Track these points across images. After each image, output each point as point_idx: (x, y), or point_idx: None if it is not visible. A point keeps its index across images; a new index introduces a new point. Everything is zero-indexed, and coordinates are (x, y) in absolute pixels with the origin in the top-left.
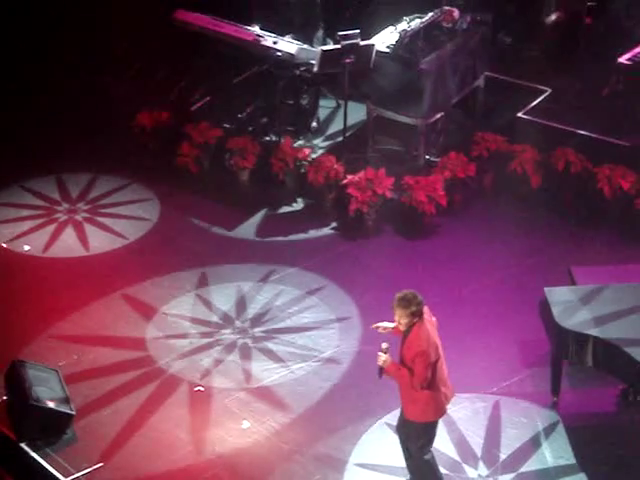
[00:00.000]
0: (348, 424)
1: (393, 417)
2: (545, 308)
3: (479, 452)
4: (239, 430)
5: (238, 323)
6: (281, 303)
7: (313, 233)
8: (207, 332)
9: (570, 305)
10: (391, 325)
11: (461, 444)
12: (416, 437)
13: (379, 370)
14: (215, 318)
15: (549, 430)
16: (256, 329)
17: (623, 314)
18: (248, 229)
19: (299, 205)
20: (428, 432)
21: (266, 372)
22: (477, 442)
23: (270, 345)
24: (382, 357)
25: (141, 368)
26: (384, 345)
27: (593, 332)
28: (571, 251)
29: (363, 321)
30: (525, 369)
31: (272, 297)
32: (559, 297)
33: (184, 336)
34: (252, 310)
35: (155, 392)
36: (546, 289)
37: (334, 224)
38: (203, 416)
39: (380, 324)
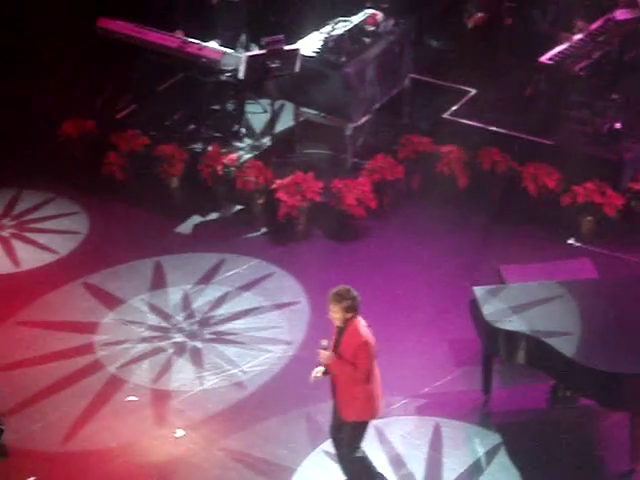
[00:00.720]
0: (283, 429)
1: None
2: (475, 307)
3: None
4: (173, 439)
5: (174, 330)
6: (216, 309)
7: (243, 238)
8: (148, 336)
9: (499, 304)
10: (322, 368)
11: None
12: (351, 438)
13: (322, 368)
14: (156, 323)
15: (481, 428)
16: (194, 336)
17: (551, 311)
18: (179, 237)
19: (229, 211)
20: (362, 432)
21: (198, 380)
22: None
23: (205, 351)
24: (324, 355)
25: (77, 380)
26: (324, 342)
27: (523, 329)
28: (499, 250)
29: (296, 326)
30: (456, 368)
31: (206, 304)
32: (488, 296)
33: (124, 342)
34: (183, 317)
35: (88, 404)
36: (475, 288)
37: (264, 229)
38: (136, 426)
39: (316, 371)
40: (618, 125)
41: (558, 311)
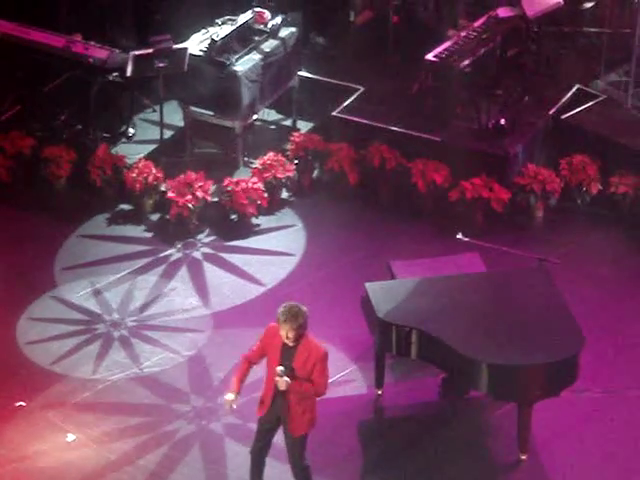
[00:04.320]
0: (179, 429)
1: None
2: (366, 303)
3: None
4: (64, 443)
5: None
6: (113, 309)
7: (134, 240)
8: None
9: (391, 299)
10: (232, 396)
11: None
12: (302, 450)
13: (275, 390)
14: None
15: (373, 423)
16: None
17: (441, 305)
18: (68, 239)
19: (119, 211)
20: (306, 441)
21: (90, 383)
22: None
23: (102, 350)
24: (283, 382)
25: None
26: (279, 369)
27: (414, 324)
28: (389, 246)
29: (194, 325)
30: (349, 364)
31: (99, 305)
32: (380, 291)
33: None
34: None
35: None
36: (367, 284)
37: (155, 230)
38: (26, 431)
39: (228, 400)
40: (502, 121)
41: (447, 305)
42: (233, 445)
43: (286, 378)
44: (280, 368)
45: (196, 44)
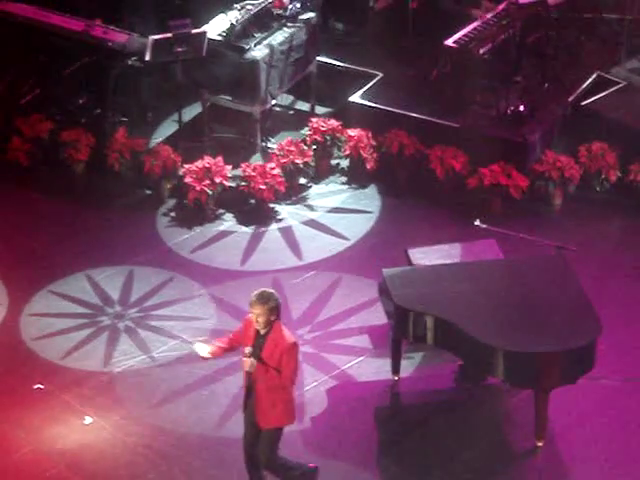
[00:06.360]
0: (193, 413)
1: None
2: (384, 289)
3: None
4: (81, 426)
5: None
6: (132, 295)
7: (152, 224)
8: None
9: (408, 285)
10: (209, 348)
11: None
12: (269, 447)
13: (248, 379)
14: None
15: (389, 408)
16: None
17: (458, 292)
18: (86, 222)
19: (137, 196)
20: (279, 438)
21: (109, 365)
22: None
23: (117, 337)
24: (248, 362)
25: None
26: (247, 349)
27: (431, 311)
28: (406, 232)
29: (208, 313)
30: (366, 350)
31: (116, 291)
32: (396, 277)
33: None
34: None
35: None
36: (384, 270)
37: (173, 214)
38: (44, 413)
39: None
40: (522, 108)
41: (465, 292)
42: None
43: (252, 359)
44: (248, 348)
45: (215, 29)
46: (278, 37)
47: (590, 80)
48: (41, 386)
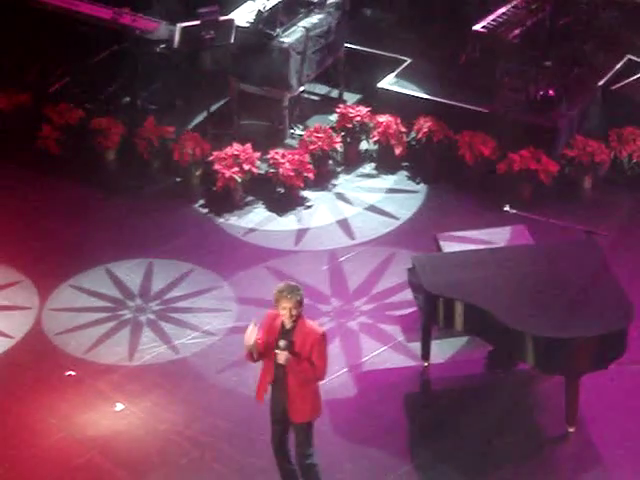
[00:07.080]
0: (226, 400)
1: None
2: (413, 275)
3: None
4: (113, 413)
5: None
6: (156, 284)
7: (181, 211)
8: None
9: (437, 271)
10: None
11: None
12: (307, 439)
13: (278, 370)
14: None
15: (419, 395)
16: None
17: (488, 277)
18: (116, 210)
19: (166, 183)
20: (312, 431)
21: (138, 353)
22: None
23: (145, 325)
24: (283, 355)
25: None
26: (282, 343)
27: (461, 297)
28: (436, 218)
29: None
30: (395, 336)
31: (144, 278)
32: (426, 264)
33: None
34: (121, 294)
35: (27, 380)
36: (413, 256)
37: (202, 201)
38: (75, 400)
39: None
40: (551, 92)
41: (495, 277)
42: None
43: (286, 352)
44: (282, 342)
45: (243, 16)
46: (306, 23)
47: (620, 64)
48: (72, 373)
